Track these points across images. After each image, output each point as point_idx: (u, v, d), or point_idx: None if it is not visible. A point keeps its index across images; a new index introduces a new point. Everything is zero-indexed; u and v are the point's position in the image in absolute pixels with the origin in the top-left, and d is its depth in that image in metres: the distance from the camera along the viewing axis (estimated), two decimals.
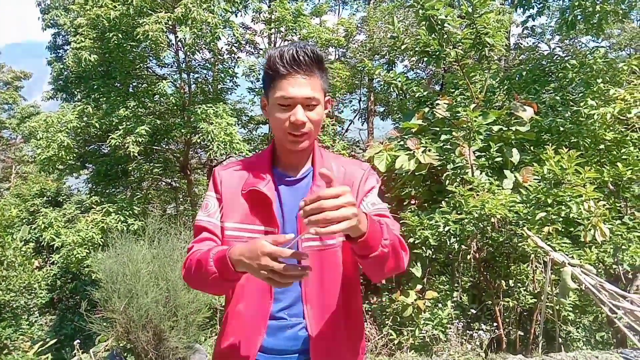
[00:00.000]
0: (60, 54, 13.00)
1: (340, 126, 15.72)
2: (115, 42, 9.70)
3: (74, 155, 10.62)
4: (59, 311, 11.03)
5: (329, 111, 1.55)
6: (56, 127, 10.21)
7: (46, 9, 12.30)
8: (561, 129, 4.71)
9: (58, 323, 10.42)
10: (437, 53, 4.53)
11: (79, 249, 9.51)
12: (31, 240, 10.60)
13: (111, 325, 4.59)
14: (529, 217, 3.64)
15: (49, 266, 11.14)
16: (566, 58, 5.42)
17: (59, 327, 10.13)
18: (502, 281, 4.56)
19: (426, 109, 4.82)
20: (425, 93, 4.97)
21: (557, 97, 5.06)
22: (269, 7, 13.72)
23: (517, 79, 5.52)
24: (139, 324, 4.37)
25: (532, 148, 4.70)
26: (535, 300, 4.45)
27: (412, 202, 4.81)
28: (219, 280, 1.26)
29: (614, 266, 4.01)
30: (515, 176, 4.25)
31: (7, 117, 20.68)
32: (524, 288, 4.69)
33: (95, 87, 10.78)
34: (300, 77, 1.38)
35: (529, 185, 3.97)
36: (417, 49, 4.69)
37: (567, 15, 5.36)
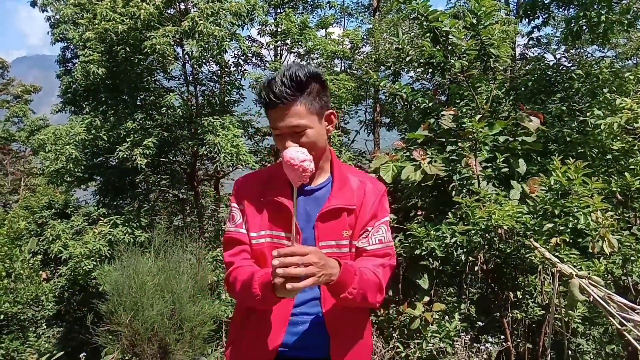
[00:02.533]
0: (69, 68, 13.14)
1: (346, 137, 15.75)
2: (123, 55, 9.82)
3: (82, 167, 10.70)
4: (66, 323, 11.03)
5: (336, 124, 1.61)
6: (64, 140, 10.32)
7: (55, 24, 12.46)
8: (568, 139, 4.68)
9: (65, 335, 10.43)
10: (442, 64, 4.53)
11: (86, 261, 9.55)
12: (39, 252, 10.64)
13: (117, 338, 4.59)
14: (536, 228, 3.61)
15: (57, 278, 11.17)
16: (572, 68, 5.40)
17: (65, 340, 10.13)
18: (510, 293, 4.51)
19: (432, 120, 4.82)
20: (430, 104, 4.97)
21: (564, 107, 5.04)
22: (275, 20, 13.84)
23: (523, 89, 5.50)
24: (145, 337, 4.37)
25: (538, 158, 4.67)
26: (544, 312, 4.39)
27: (419, 213, 4.79)
28: (261, 303, 1.40)
29: (623, 278, 3.96)
30: (522, 187, 4.22)
31: (17, 130, 20.87)
32: (532, 300, 4.63)
33: (103, 99, 10.89)
34: (281, 108, 1.42)
35: (536, 196, 3.94)
36: (421, 60, 4.70)
37: (572, 25, 5.34)
